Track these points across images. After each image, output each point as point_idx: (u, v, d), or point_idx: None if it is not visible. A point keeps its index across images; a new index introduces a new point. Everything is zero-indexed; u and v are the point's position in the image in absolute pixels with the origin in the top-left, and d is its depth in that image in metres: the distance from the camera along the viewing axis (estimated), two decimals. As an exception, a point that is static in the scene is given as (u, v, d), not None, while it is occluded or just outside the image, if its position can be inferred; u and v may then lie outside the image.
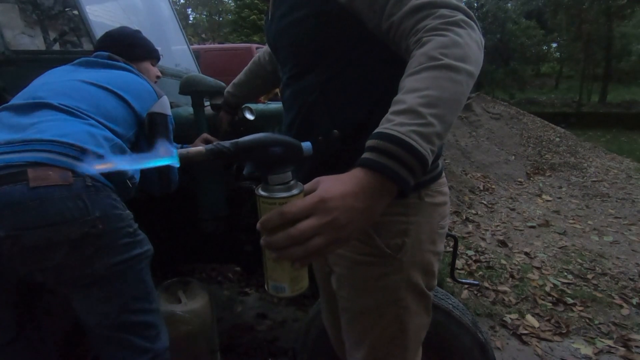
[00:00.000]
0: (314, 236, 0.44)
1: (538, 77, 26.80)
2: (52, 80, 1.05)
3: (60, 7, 1.97)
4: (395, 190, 0.47)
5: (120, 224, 0.90)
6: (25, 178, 0.78)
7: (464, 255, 2.88)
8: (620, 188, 4.98)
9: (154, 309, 1.00)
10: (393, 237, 0.68)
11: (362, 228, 0.47)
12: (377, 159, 0.46)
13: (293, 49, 0.73)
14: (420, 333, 0.77)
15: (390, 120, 0.48)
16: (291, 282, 0.50)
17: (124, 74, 1.14)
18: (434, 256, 0.73)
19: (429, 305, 0.76)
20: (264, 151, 0.49)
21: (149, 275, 0.98)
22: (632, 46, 21.03)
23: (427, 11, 0.55)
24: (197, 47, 8.44)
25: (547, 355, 1.80)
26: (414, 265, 0.70)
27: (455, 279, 1.36)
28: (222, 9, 32.86)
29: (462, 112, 6.52)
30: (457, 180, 4.58)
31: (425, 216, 0.70)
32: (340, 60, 0.68)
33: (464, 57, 0.51)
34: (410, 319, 0.73)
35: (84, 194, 0.84)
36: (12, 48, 1.70)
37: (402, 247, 0.68)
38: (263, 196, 0.48)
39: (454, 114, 0.50)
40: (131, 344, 0.94)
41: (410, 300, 0.71)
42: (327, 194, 0.45)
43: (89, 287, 0.88)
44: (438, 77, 0.49)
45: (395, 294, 0.70)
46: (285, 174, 0.49)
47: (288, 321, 1.99)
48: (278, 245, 0.45)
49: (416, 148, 0.46)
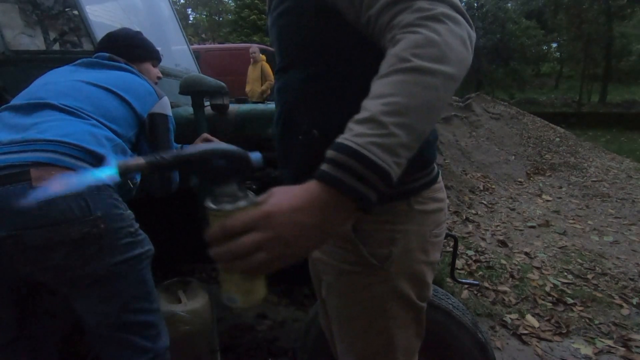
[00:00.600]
0: (256, 251, 0.42)
1: (538, 77, 26.80)
2: (53, 81, 1.05)
3: (60, 7, 1.97)
4: (355, 208, 0.43)
5: (122, 224, 0.90)
6: (27, 178, 0.79)
7: (464, 255, 2.88)
8: (620, 188, 4.98)
9: (154, 308, 1.00)
10: (379, 247, 0.65)
11: (316, 244, 0.45)
12: (332, 172, 0.42)
13: (278, 42, 0.71)
14: (411, 346, 0.74)
15: (351, 130, 0.44)
16: (243, 294, 0.49)
17: (125, 74, 1.14)
18: (426, 266, 0.69)
19: (420, 317, 0.72)
20: (207, 164, 0.48)
21: (149, 275, 0.98)
22: (632, 46, 21.04)
23: (404, 4, 0.49)
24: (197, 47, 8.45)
25: (547, 355, 1.80)
26: (403, 276, 0.66)
27: (455, 279, 1.36)
28: (222, 9, 32.87)
29: (462, 112, 6.52)
30: (457, 180, 4.58)
31: (415, 224, 0.66)
32: (321, 57, 0.65)
33: (441, 57, 0.45)
34: (399, 332, 0.69)
35: (86, 193, 0.84)
36: (12, 48, 1.70)
37: (388, 256, 0.65)
38: (210, 208, 0.47)
39: (426, 122, 0.45)
40: (131, 344, 0.94)
41: (398, 311, 0.68)
42: (274, 208, 0.43)
43: (89, 286, 0.88)
44: (406, 81, 0.44)
45: (382, 305, 0.67)
46: (231, 186, 0.48)
47: (288, 321, 1.98)
48: (221, 258, 0.44)
49: (374, 161, 0.41)
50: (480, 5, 21.69)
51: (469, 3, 22.23)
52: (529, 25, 21.24)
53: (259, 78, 6.37)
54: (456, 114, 6.36)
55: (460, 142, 5.75)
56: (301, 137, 0.67)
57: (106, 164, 0.45)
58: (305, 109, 0.68)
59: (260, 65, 6.33)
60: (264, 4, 19.25)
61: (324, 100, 0.66)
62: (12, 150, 0.83)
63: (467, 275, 2.60)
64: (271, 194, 0.46)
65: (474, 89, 19.31)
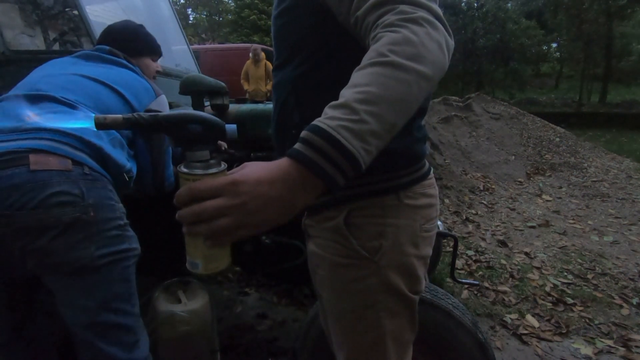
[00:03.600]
0: (220, 216, 0.43)
1: (538, 77, 26.78)
2: (52, 73, 1.06)
3: (60, 7, 1.97)
4: (321, 187, 0.45)
5: (111, 215, 0.91)
6: (26, 162, 0.81)
7: (464, 255, 2.88)
8: (620, 188, 4.98)
9: (135, 313, 0.98)
10: (369, 240, 0.67)
11: (278, 219, 0.45)
12: (303, 150, 0.44)
13: (275, 40, 0.76)
14: (404, 339, 0.74)
15: (325, 114, 0.46)
16: (205, 259, 0.50)
17: (123, 71, 1.15)
18: (417, 260, 0.71)
19: (412, 310, 0.73)
20: (183, 127, 0.50)
21: (133, 276, 0.98)
22: (632, 46, 21.04)
23: (389, 6, 0.52)
24: (197, 47, 8.45)
25: (547, 355, 1.80)
26: (393, 269, 0.68)
27: (455, 279, 1.37)
28: (222, 9, 32.84)
29: (462, 112, 6.52)
30: (457, 180, 4.58)
31: (405, 218, 0.68)
32: (313, 55, 0.69)
33: (416, 56, 0.47)
34: (390, 323, 0.70)
35: (81, 180, 0.86)
36: (12, 48, 1.70)
37: (379, 249, 0.67)
38: (181, 172, 0.49)
39: (398, 115, 0.47)
40: (107, 355, 0.91)
41: (390, 304, 0.69)
42: (242, 177, 0.44)
43: (71, 276, 0.87)
44: (382, 74, 0.46)
45: (373, 297, 0.69)
46: (203, 151, 0.49)
47: (288, 321, 1.98)
48: (185, 220, 0.45)
49: (343, 144, 0.43)
50: (480, 5, 21.67)
51: (469, 3, 22.23)
52: (529, 25, 21.23)
53: (263, 77, 6.36)
54: (456, 114, 6.36)
55: (460, 142, 5.75)
56: (294, 131, 0.70)
57: (85, 116, 0.47)
58: (296, 104, 0.71)
59: (264, 64, 6.32)
60: (264, 4, 19.27)
61: (313, 96, 0.68)
62: (13, 138, 0.85)
63: (467, 275, 2.60)
64: (244, 165, 0.48)
65: (474, 89, 19.32)
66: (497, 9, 20.65)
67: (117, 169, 0.98)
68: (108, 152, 0.95)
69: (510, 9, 22.44)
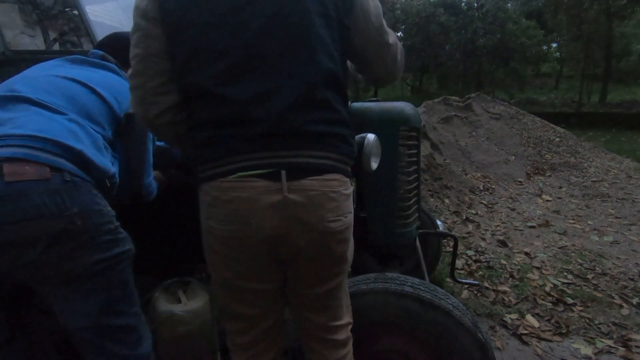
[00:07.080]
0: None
1: (538, 77, 26.78)
2: (32, 75, 1.03)
3: (60, 7, 1.97)
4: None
5: (100, 220, 0.88)
6: (0, 173, 0.77)
7: (464, 255, 2.88)
8: (620, 188, 4.98)
9: (135, 312, 0.97)
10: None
11: None
12: None
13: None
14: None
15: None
16: None
17: (109, 74, 1.12)
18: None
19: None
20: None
21: (131, 276, 0.96)
22: (632, 46, 21.02)
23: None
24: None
25: (547, 355, 1.80)
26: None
27: (455, 279, 1.37)
28: (222, 9, 32.76)
29: (462, 112, 6.52)
30: (457, 180, 4.58)
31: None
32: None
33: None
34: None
35: (62, 189, 0.82)
36: (12, 48, 1.70)
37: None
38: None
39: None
40: (110, 352, 0.92)
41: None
42: None
43: (67, 285, 0.86)
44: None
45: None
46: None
47: (288, 321, 1.98)
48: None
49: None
50: (480, 5, 21.66)
51: (469, 3, 22.22)
52: (529, 25, 21.20)
53: None
54: (456, 114, 6.35)
55: (460, 142, 5.75)
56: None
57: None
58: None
59: None
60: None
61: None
62: None
63: (467, 275, 2.60)
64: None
65: (474, 89, 19.30)
66: (497, 9, 20.63)
67: (100, 174, 0.93)
68: (90, 156, 0.90)
69: (510, 9, 22.42)
